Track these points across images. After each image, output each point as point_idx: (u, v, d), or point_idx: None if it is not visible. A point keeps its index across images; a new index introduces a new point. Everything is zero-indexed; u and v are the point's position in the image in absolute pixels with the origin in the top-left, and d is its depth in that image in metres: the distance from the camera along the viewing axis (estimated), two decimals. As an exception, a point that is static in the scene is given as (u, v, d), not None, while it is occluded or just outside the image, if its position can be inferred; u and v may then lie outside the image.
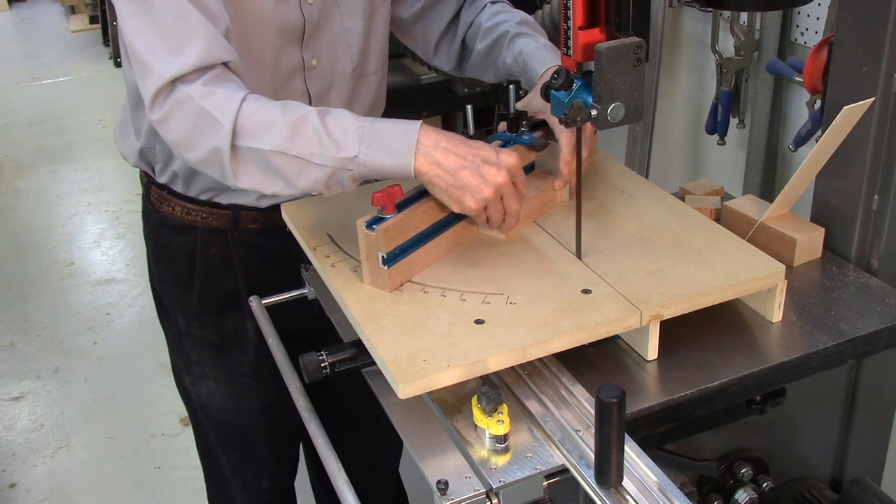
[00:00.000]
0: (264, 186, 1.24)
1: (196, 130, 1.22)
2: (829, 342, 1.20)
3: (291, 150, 1.19)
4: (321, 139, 1.19)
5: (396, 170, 1.19)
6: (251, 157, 1.21)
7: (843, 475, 1.47)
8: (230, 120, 1.19)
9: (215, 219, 1.54)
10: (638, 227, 1.34)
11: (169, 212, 1.55)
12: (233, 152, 1.21)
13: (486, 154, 1.20)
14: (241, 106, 1.20)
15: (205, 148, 1.22)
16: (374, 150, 1.19)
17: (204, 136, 1.22)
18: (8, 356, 3.45)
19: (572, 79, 1.17)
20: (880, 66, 1.27)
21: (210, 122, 1.20)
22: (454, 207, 1.22)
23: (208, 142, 1.22)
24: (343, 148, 1.19)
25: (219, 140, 1.20)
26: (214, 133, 1.20)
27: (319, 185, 1.23)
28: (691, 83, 2.52)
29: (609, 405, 0.89)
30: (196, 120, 1.21)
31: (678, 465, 1.24)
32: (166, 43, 1.22)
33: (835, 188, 1.41)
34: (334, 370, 1.22)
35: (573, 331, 1.12)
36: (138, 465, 2.84)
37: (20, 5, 8.80)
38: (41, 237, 4.39)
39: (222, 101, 1.21)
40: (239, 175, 1.23)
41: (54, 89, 6.46)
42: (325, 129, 1.20)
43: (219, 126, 1.20)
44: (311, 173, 1.21)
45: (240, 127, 1.20)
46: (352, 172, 1.21)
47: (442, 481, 1.00)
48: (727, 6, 2.09)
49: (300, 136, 1.20)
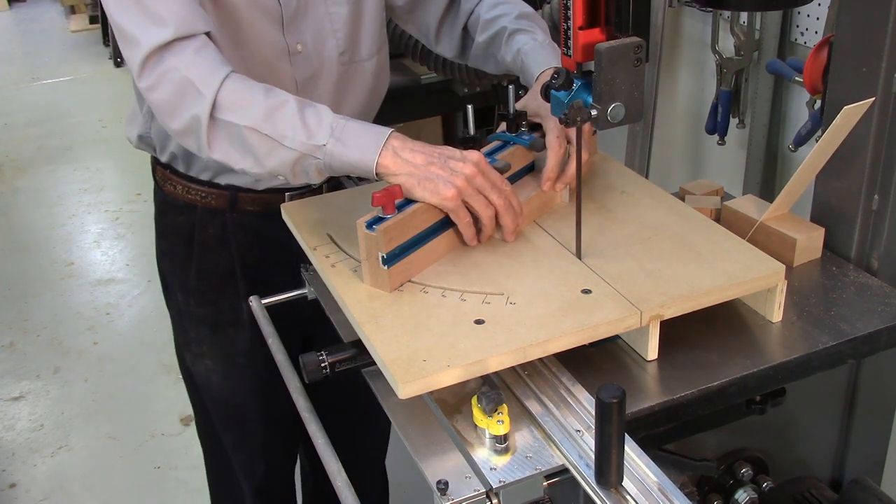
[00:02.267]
0: (234, 160, 1.30)
1: (178, 99, 1.28)
2: (829, 342, 1.20)
3: (265, 129, 1.26)
4: (294, 124, 1.25)
5: (360, 163, 1.25)
6: (227, 130, 1.27)
7: (843, 475, 1.47)
8: (212, 92, 1.26)
9: (214, 199, 1.59)
10: (638, 227, 1.34)
11: (171, 190, 1.61)
12: (210, 123, 1.27)
13: (451, 152, 1.27)
14: (225, 81, 1.27)
15: (185, 116, 1.28)
16: (343, 143, 1.25)
17: (186, 104, 1.27)
18: (8, 356, 3.45)
19: (572, 79, 1.17)
20: (880, 66, 1.27)
21: (193, 91, 1.26)
22: (432, 199, 1.23)
23: (189, 110, 1.27)
24: (313, 136, 1.25)
25: (199, 109, 1.26)
26: (196, 103, 1.26)
27: (286, 168, 1.28)
28: (691, 83, 2.52)
29: (609, 405, 0.89)
30: (180, 89, 1.27)
31: (678, 465, 1.24)
32: (146, 14, 1.27)
33: (835, 188, 1.41)
34: (334, 370, 1.22)
35: (573, 331, 1.12)
36: (138, 465, 2.84)
37: (20, 5, 8.81)
38: (41, 237, 4.39)
39: (206, 74, 1.27)
40: (213, 145, 1.29)
41: (54, 89, 6.46)
42: (301, 116, 1.26)
43: (200, 96, 1.26)
44: (279, 154, 1.27)
45: (220, 100, 1.26)
46: (318, 162, 1.26)
47: (442, 481, 1.00)
48: (727, 6, 2.09)
49: (276, 118, 1.26)
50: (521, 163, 1.42)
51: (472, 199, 1.24)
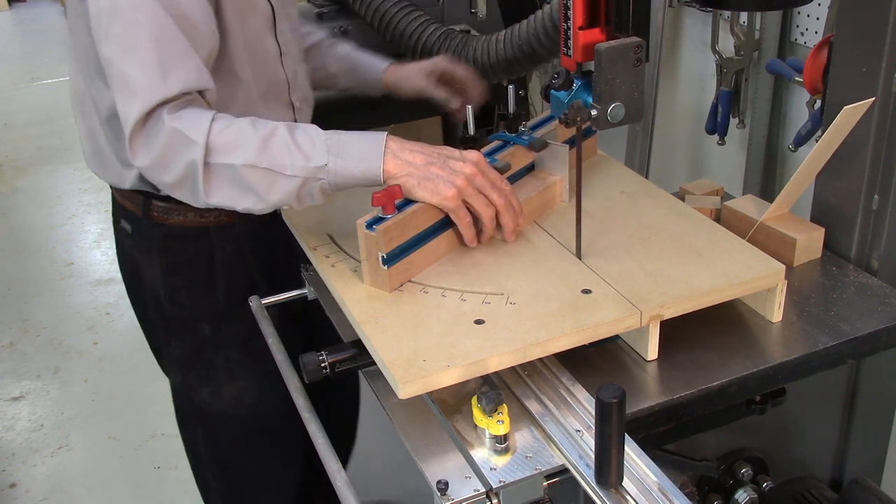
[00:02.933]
0: (236, 202, 1.27)
1: (169, 151, 1.24)
2: (829, 342, 1.20)
3: (262, 163, 1.23)
4: (291, 151, 1.23)
5: (366, 174, 1.23)
6: (224, 173, 1.24)
7: (843, 475, 1.47)
8: (202, 137, 1.22)
9: (225, 214, 1.55)
10: (638, 227, 1.34)
11: (180, 221, 1.54)
12: (205, 170, 1.24)
13: (450, 152, 1.27)
14: (212, 124, 1.23)
15: (179, 167, 1.25)
16: (343, 158, 1.23)
17: (178, 156, 1.24)
18: (8, 356, 3.45)
19: (572, 79, 1.17)
20: (880, 66, 1.27)
21: (183, 141, 1.23)
22: (433, 200, 1.23)
23: (183, 160, 1.24)
24: (312, 158, 1.23)
25: (193, 155, 1.23)
26: (189, 151, 1.23)
27: (290, 197, 1.25)
28: (691, 83, 2.52)
29: (609, 405, 0.89)
30: (169, 141, 1.23)
31: (678, 465, 1.24)
32: (154, 68, 1.23)
33: (835, 188, 1.41)
34: (334, 370, 1.22)
35: (573, 331, 1.12)
36: (138, 465, 2.83)
37: (20, 5, 8.80)
38: (41, 237, 4.39)
39: (193, 121, 1.24)
40: (211, 192, 1.26)
41: (54, 89, 6.45)
42: (294, 141, 1.24)
43: (193, 144, 1.23)
44: (282, 185, 1.24)
45: (212, 143, 1.23)
46: (322, 182, 1.24)
47: (442, 481, 1.00)
48: (727, 6, 2.09)
49: (270, 149, 1.23)
50: (521, 163, 1.42)
51: (473, 198, 1.25)
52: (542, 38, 1.66)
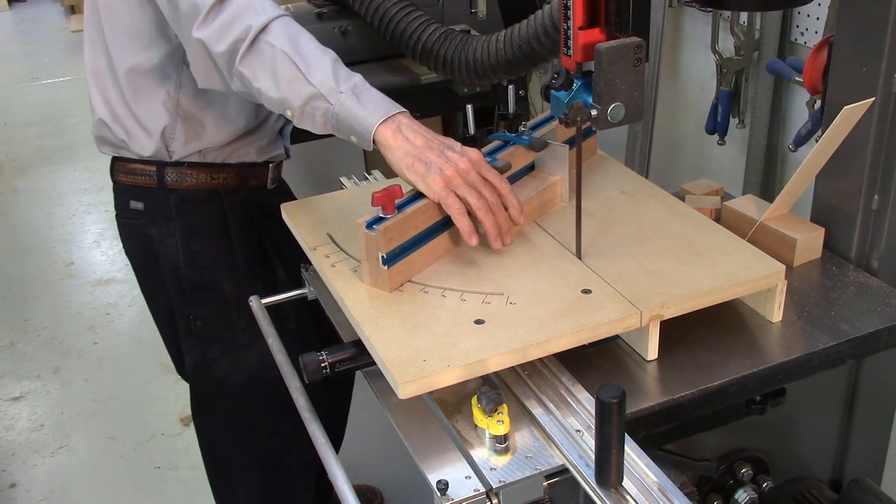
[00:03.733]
0: (256, 76, 1.34)
1: (234, 20, 1.33)
2: (829, 342, 1.20)
3: (297, 59, 1.31)
4: (325, 68, 1.31)
5: (363, 122, 1.27)
6: (263, 49, 1.32)
7: (843, 475, 1.47)
8: (269, 16, 1.32)
9: (232, 178, 1.68)
10: (638, 227, 1.34)
11: (194, 184, 1.66)
12: (252, 43, 1.32)
13: (452, 143, 1.29)
14: (281, 17, 1.34)
15: (236, 32, 1.33)
16: (357, 99, 1.28)
17: (241, 21, 1.33)
18: (8, 356, 3.45)
19: (572, 79, 1.17)
20: (880, 66, 1.27)
21: (252, 11, 1.33)
22: (419, 185, 1.24)
23: (243, 24, 1.32)
24: (336, 83, 1.30)
25: (253, 21, 1.32)
26: (252, 17, 1.32)
27: (298, 100, 1.31)
28: (691, 83, 2.52)
29: (609, 405, 0.89)
30: (239, 12, 1.33)
31: (678, 465, 1.24)
32: None
33: (835, 188, 1.41)
34: (334, 370, 1.22)
35: (573, 331, 1.12)
36: (138, 465, 2.83)
37: (20, 5, 8.80)
38: (41, 237, 4.39)
39: (267, 5, 1.34)
40: (245, 59, 1.33)
41: (54, 89, 6.45)
42: (334, 66, 1.32)
43: (257, 14, 1.32)
44: (298, 85, 1.31)
45: (271, 26, 1.32)
46: (328, 107, 1.29)
47: (442, 481, 1.00)
48: (727, 6, 2.09)
49: (310, 57, 1.32)
50: (521, 163, 1.42)
51: (461, 189, 1.24)
52: (542, 38, 1.66)
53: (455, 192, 1.24)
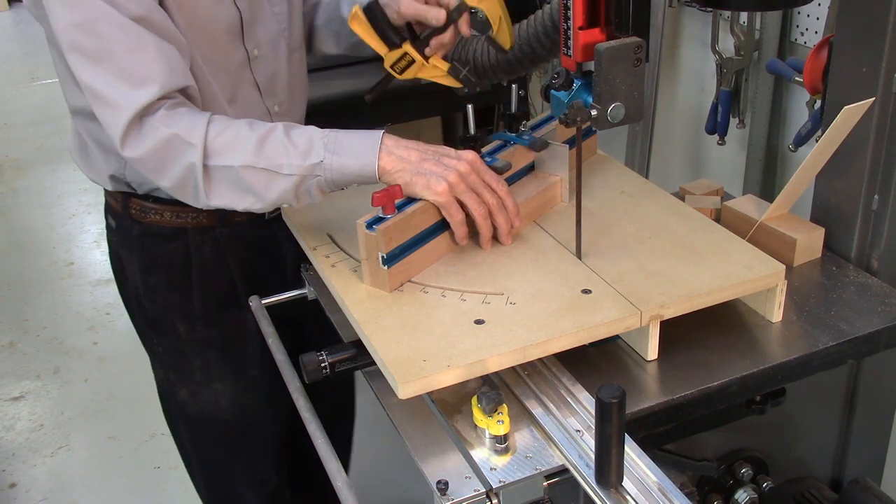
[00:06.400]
0: (235, 202, 1.28)
1: (168, 156, 1.25)
2: (829, 342, 1.20)
3: (260, 163, 1.24)
4: (287, 149, 1.25)
5: (362, 170, 1.24)
6: (223, 175, 1.26)
7: (843, 475, 1.47)
8: (200, 140, 1.24)
9: (205, 217, 1.54)
10: (638, 227, 1.34)
11: (157, 220, 1.54)
12: (205, 172, 1.25)
13: (445, 150, 1.28)
14: (209, 126, 1.25)
15: (178, 170, 1.26)
16: (340, 155, 1.24)
17: (177, 158, 1.25)
18: (8, 356, 3.45)
19: (572, 79, 1.17)
20: (880, 66, 1.27)
21: (181, 144, 1.24)
22: (424, 194, 1.24)
23: (181, 163, 1.25)
24: (308, 156, 1.24)
25: (192, 158, 1.24)
26: (187, 154, 1.24)
27: (288, 195, 1.27)
28: (691, 83, 2.52)
29: (609, 405, 0.89)
30: (166, 145, 1.25)
31: (678, 465, 1.24)
32: (126, 75, 1.23)
33: (835, 188, 1.41)
34: (334, 370, 1.22)
35: (573, 331, 1.12)
36: (138, 465, 2.83)
37: (20, 5, 8.78)
38: (41, 237, 4.39)
39: (189, 124, 1.25)
40: (211, 193, 1.27)
41: (54, 89, 6.42)
42: (290, 140, 1.25)
43: (191, 147, 1.24)
44: (279, 184, 1.25)
45: (210, 146, 1.24)
46: (318, 179, 1.25)
47: (442, 481, 1.00)
48: (727, 6, 2.08)
49: (267, 149, 1.25)
50: (522, 163, 1.42)
51: (464, 195, 1.25)
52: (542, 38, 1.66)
53: (457, 198, 1.24)
